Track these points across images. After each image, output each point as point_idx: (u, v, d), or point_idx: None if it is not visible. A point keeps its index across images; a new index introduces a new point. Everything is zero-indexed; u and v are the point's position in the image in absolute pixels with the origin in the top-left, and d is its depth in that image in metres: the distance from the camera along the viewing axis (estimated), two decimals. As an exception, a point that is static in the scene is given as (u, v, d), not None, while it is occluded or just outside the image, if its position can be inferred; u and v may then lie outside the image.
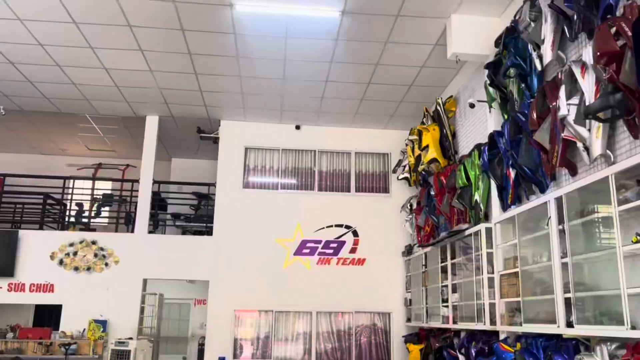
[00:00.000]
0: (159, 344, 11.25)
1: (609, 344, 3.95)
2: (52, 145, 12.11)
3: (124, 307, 9.19)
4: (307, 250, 9.77)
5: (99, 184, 11.87)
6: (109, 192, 11.78)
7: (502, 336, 5.74)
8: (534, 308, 5.08)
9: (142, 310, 9.49)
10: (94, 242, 9.45)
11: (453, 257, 7.30)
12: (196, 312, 14.00)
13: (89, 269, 9.34)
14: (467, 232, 6.69)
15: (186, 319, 14.25)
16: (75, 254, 9.37)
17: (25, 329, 9.17)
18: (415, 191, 9.56)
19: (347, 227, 9.94)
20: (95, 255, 9.39)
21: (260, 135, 10.16)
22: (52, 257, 9.32)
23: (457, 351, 6.88)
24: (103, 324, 8.98)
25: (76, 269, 9.30)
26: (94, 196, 10.98)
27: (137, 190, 9.90)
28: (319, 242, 9.84)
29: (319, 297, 9.57)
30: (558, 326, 4.48)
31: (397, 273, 9.82)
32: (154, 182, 9.99)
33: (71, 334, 8.89)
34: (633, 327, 3.58)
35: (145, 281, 9.55)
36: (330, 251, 9.82)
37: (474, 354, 6.26)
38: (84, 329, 8.95)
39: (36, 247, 9.33)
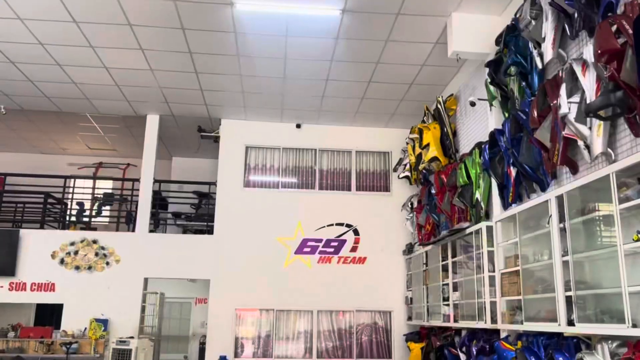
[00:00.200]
0: (160, 343, 11.27)
1: (610, 342, 3.95)
2: (52, 144, 12.12)
3: (125, 306, 9.20)
4: (308, 249, 9.78)
5: (100, 183, 11.87)
6: (110, 191, 11.78)
7: (503, 334, 5.75)
8: (535, 306, 5.08)
9: (143, 309, 9.50)
10: (94, 241, 9.46)
11: (454, 256, 7.30)
12: (197, 311, 14.02)
13: (90, 268, 9.34)
14: (468, 231, 6.69)
15: (187, 318, 14.26)
16: (76, 253, 9.37)
17: (26, 328, 9.18)
18: (416, 190, 9.55)
19: (348, 225, 9.94)
20: (96, 254, 9.40)
21: (261, 134, 10.16)
22: (53, 256, 9.33)
23: (458, 350, 6.88)
24: (104, 323, 8.99)
25: (77, 268, 9.31)
26: (95, 195, 10.98)
27: (138, 190, 9.91)
28: (320, 240, 9.84)
29: (320, 296, 9.57)
30: (559, 324, 4.48)
31: (398, 272, 9.83)
32: (155, 181, 9.99)
33: (72, 333, 8.89)
34: (634, 325, 3.58)
35: (146, 280, 9.56)
36: (331, 250, 9.82)
37: (475, 353, 6.26)
38: (85, 328, 8.96)
39: (37, 246, 9.34)
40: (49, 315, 10.69)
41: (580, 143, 4.34)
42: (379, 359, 9.49)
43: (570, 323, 4.35)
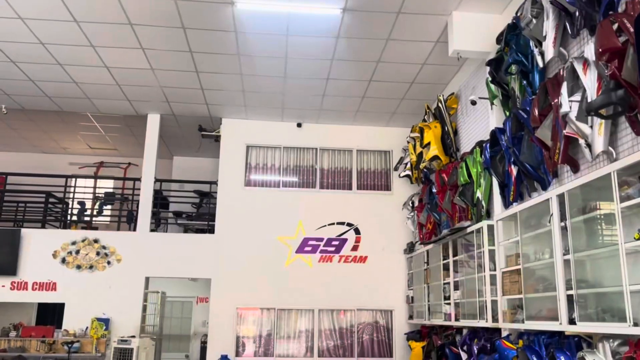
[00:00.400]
0: (161, 342, 11.28)
1: (611, 340, 3.95)
2: (53, 143, 12.13)
3: (126, 305, 9.21)
4: (309, 248, 9.78)
5: (101, 183, 11.88)
6: (111, 190, 11.79)
7: (504, 333, 5.75)
8: (536, 305, 5.08)
9: (144, 308, 9.50)
10: (96, 241, 9.47)
11: (455, 255, 7.30)
12: (198, 310, 14.02)
13: (91, 267, 9.35)
14: (469, 230, 6.69)
15: (188, 317, 14.27)
16: (77, 252, 9.38)
17: (28, 328, 9.19)
18: (417, 188, 9.55)
19: (349, 224, 9.94)
20: (98, 253, 9.41)
21: (262, 133, 10.16)
22: (54, 255, 9.33)
23: (460, 348, 6.89)
24: (105, 322, 9.00)
25: (78, 267, 9.32)
26: (96, 195, 10.99)
27: (139, 189, 9.92)
28: (321, 239, 9.84)
29: (321, 295, 9.58)
30: (560, 323, 4.48)
31: (399, 270, 9.83)
32: (156, 180, 10.00)
33: (74, 332, 8.90)
34: (635, 324, 3.58)
35: (147, 279, 9.57)
36: (332, 249, 9.82)
37: (476, 351, 6.27)
38: (87, 327, 8.96)
39: (38, 245, 9.35)
40: (50, 314, 10.72)
41: (582, 141, 4.34)
42: (380, 358, 9.50)
43: (572, 322, 4.34)
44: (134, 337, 8.80)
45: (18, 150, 12.42)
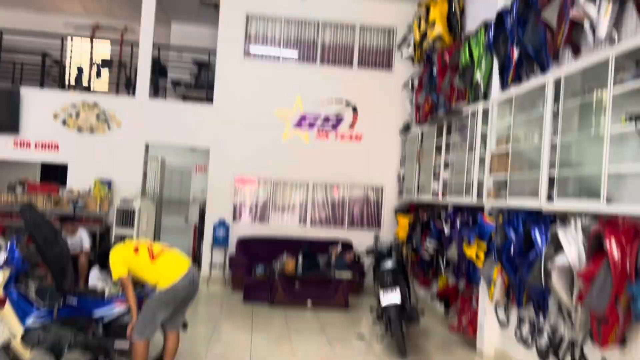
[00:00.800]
0: (161, 206, 11.77)
1: (584, 216, 4.22)
2: (47, 1, 11.64)
3: (127, 169, 9.49)
4: (306, 124, 9.91)
5: (98, 48, 11.57)
6: (109, 59, 11.54)
7: (487, 210, 6.07)
8: (520, 185, 5.33)
9: (145, 174, 9.77)
10: (95, 104, 9.51)
11: (449, 136, 7.44)
12: (197, 178, 14.43)
13: (92, 130, 9.49)
14: (464, 112, 6.77)
15: (187, 184, 14.71)
16: (77, 115, 9.46)
17: (33, 184, 9.52)
18: (418, 69, 9.46)
19: (347, 102, 9.98)
20: (98, 117, 9.50)
21: (263, 1, 9.82)
22: (55, 117, 9.43)
23: (444, 222, 7.29)
24: (108, 184, 9.32)
25: (79, 129, 9.46)
26: (93, 61, 10.78)
27: (137, 55, 9.75)
28: (318, 116, 9.94)
29: (316, 170, 9.89)
30: (540, 201, 4.75)
31: (393, 150, 10.06)
32: (154, 46, 9.79)
33: (78, 191, 9.23)
34: (608, 200, 3.82)
35: (147, 145, 9.77)
36: (329, 126, 9.96)
37: (458, 225, 6.66)
38: (90, 188, 9.29)
39: (38, 105, 9.39)
40: (53, 176, 11.02)
41: (587, 25, 4.30)
42: (370, 227, 10.03)
43: (550, 199, 4.61)
44: (135, 199, 9.13)
45: (11, 6, 11.92)
